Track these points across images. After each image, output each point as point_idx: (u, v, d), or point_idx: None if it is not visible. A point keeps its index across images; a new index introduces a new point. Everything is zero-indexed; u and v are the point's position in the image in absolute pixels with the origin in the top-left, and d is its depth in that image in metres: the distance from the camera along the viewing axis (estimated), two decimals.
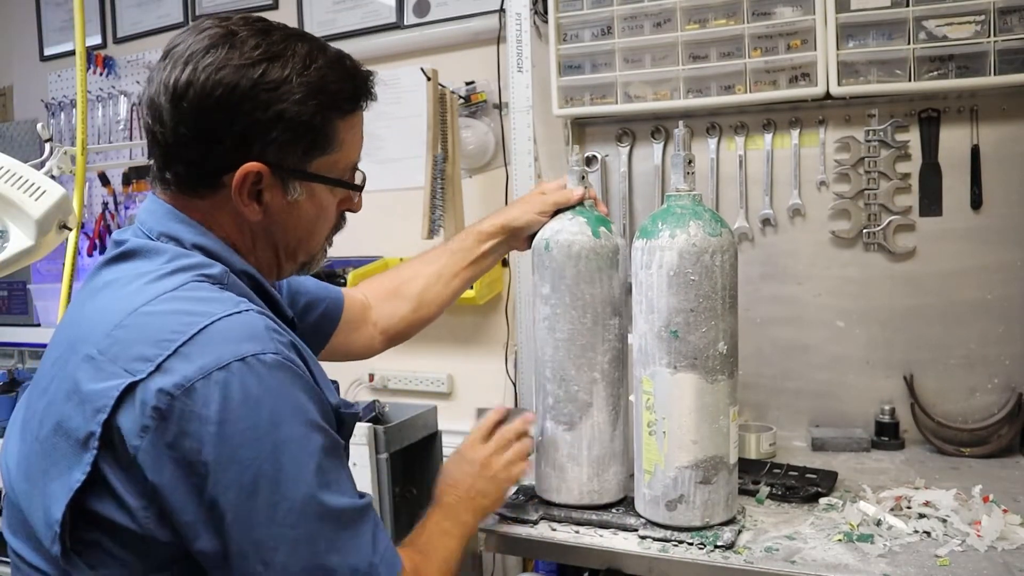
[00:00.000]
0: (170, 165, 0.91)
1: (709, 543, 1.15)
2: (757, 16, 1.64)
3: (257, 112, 0.87)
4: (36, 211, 1.27)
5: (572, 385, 1.25)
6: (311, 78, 0.89)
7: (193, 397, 0.77)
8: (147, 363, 0.77)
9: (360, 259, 2.33)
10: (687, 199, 1.20)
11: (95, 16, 2.78)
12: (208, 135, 0.87)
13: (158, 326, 0.80)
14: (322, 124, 0.92)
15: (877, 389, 1.67)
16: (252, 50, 0.87)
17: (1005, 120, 1.58)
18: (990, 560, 1.08)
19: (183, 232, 0.91)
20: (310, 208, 0.96)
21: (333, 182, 0.97)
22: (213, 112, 0.86)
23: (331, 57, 0.93)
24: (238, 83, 0.86)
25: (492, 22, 2.12)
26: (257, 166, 0.89)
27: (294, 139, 0.90)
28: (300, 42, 0.91)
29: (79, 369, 0.81)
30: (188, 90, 0.86)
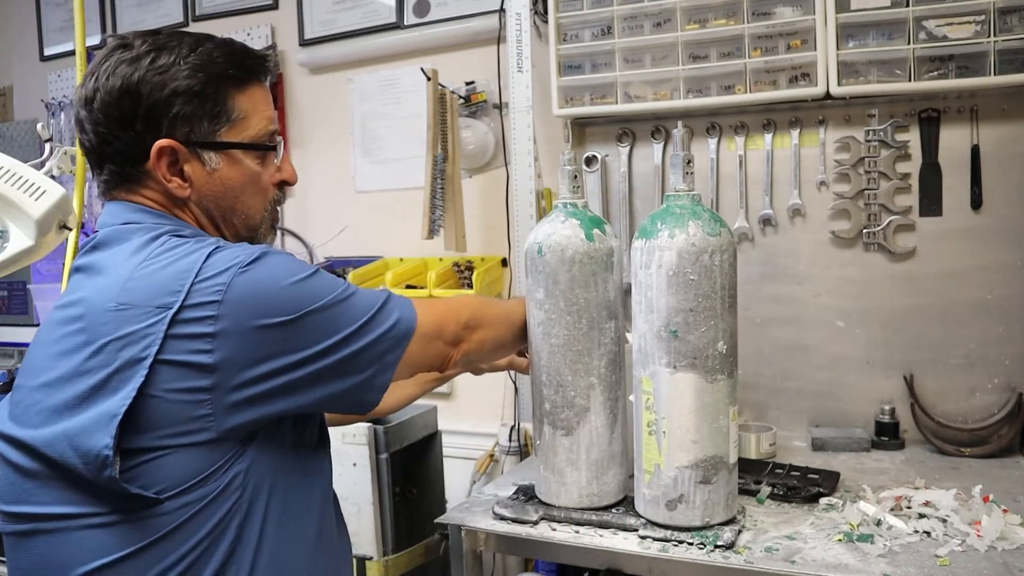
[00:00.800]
0: (104, 166, 1.02)
1: (709, 543, 1.15)
2: (757, 16, 1.64)
3: (155, 93, 0.97)
4: (36, 211, 1.27)
5: (569, 391, 1.25)
6: (198, 58, 1.00)
7: (235, 289, 0.88)
8: (176, 295, 0.87)
9: (360, 259, 2.33)
10: (686, 199, 1.20)
11: (95, 16, 2.77)
12: (120, 125, 0.98)
13: (168, 269, 0.90)
14: (216, 93, 1.01)
15: (877, 389, 1.67)
16: (141, 46, 0.99)
17: (1005, 120, 1.58)
18: (990, 560, 1.08)
19: (144, 218, 1.00)
20: (233, 174, 1.04)
21: (241, 145, 1.04)
22: (118, 104, 0.97)
23: (217, 41, 1.04)
24: (132, 73, 0.97)
25: (492, 22, 2.12)
26: (167, 142, 0.98)
27: (194, 111, 0.99)
28: (187, 36, 1.03)
29: (105, 322, 0.88)
30: (95, 95, 0.98)
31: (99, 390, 0.86)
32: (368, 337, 0.97)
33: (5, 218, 1.28)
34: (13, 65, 3.04)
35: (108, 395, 0.86)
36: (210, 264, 0.90)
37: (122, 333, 0.87)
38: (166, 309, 0.87)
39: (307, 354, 0.92)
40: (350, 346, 0.96)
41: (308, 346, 0.92)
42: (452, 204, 2.11)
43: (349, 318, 0.96)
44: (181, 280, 0.88)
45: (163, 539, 0.87)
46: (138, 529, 0.87)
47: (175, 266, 0.90)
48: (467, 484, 2.17)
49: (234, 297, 0.88)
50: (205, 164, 1.01)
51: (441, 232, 2.12)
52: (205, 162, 1.01)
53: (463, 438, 2.21)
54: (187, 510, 0.88)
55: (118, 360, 0.86)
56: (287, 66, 2.51)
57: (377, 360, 0.99)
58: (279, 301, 0.91)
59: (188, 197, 1.02)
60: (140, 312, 0.87)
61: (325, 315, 0.94)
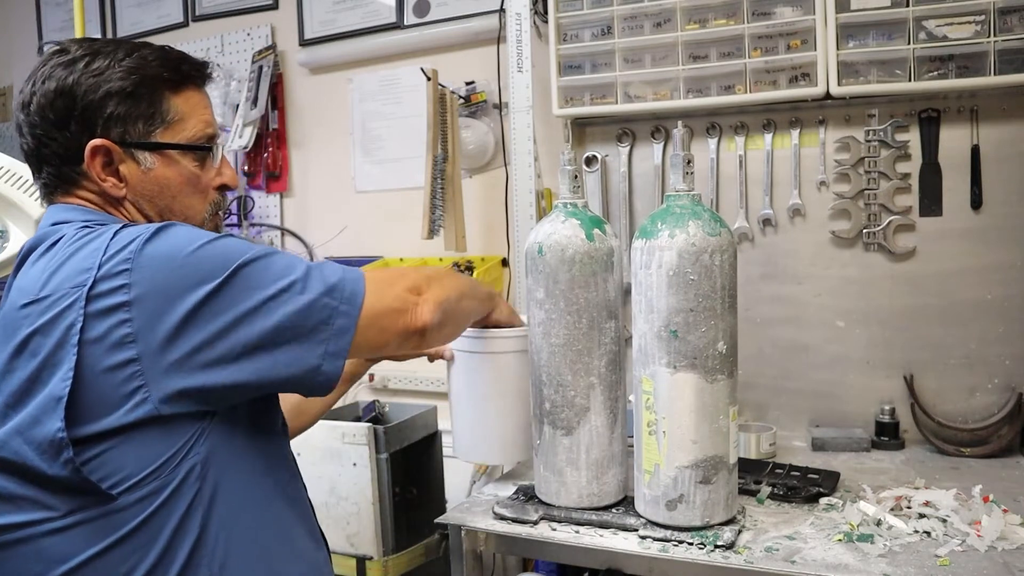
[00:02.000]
0: (42, 168, 1.03)
1: (709, 543, 1.15)
2: (757, 16, 1.64)
3: (89, 95, 0.98)
4: (36, 211, 1.28)
5: (569, 391, 1.25)
6: (132, 61, 1.01)
7: (144, 253, 0.88)
8: (88, 272, 0.87)
9: (360, 259, 2.33)
10: (686, 199, 1.20)
11: (95, 16, 2.78)
12: (56, 126, 0.99)
13: (81, 252, 0.90)
14: (150, 95, 1.02)
15: (877, 389, 1.67)
16: (77, 50, 1.01)
17: (1005, 120, 1.58)
18: (990, 560, 1.08)
19: (73, 216, 1.01)
20: (170, 175, 1.04)
21: (177, 146, 1.04)
22: (53, 105, 0.99)
23: (154, 47, 1.05)
24: (68, 76, 0.99)
25: (492, 22, 2.12)
26: (101, 141, 0.99)
27: (128, 112, 1.00)
28: (123, 43, 1.04)
29: (28, 316, 0.88)
30: (32, 97, 1.00)
31: (35, 381, 0.86)
32: (306, 296, 0.92)
33: (5, 218, 1.29)
34: (13, 65, 3.05)
35: (46, 382, 0.85)
36: (117, 240, 0.90)
37: (43, 322, 0.87)
38: (80, 287, 0.86)
39: (232, 316, 0.89)
40: (284, 306, 0.91)
41: (231, 307, 0.89)
42: (452, 204, 2.11)
43: (275, 274, 0.92)
44: (91, 259, 0.88)
45: (125, 539, 0.87)
46: (99, 529, 0.86)
47: (84, 249, 0.90)
48: (467, 484, 2.16)
49: (144, 262, 0.87)
50: (140, 164, 1.02)
51: (441, 232, 2.12)
52: (140, 162, 1.02)
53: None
54: (145, 505, 0.87)
55: (45, 348, 0.86)
56: (287, 66, 2.51)
57: (324, 325, 0.93)
58: (194, 263, 0.89)
59: (124, 196, 1.02)
60: (56, 298, 0.87)
61: (247, 272, 0.91)
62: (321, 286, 0.94)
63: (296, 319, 0.91)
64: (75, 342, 0.85)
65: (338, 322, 0.94)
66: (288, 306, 0.91)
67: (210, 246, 0.91)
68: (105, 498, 0.86)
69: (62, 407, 0.84)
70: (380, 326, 0.98)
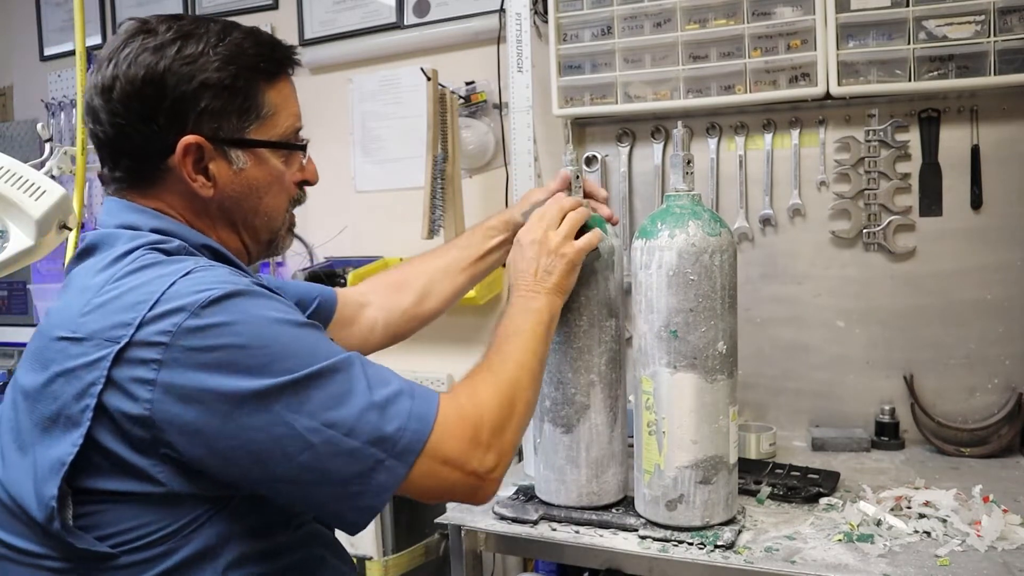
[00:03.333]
0: (117, 161, 0.95)
1: (709, 543, 1.15)
2: (757, 16, 1.64)
3: (181, 85, 0.90)
4: (36, 211, 1.27)
5: (569, 388, 1.25)
6: (227, 48, 0.93)
7: (186, 336, 0.78)
8: (127, 327, 0.79)
9: (360, 259, 2.33)
10: (686, 199, 1.20)
11: (95, 16, 2.77)
12: (142, 118, 0.90)
13: (125, 297, 0.82)
14: (246, 88, 0.94)
15: (877, 389, 1.67)
16: (166, 32, 0.91)
17: (1005, 120, 1.58)
18: (990, 560, 1.08)
19: (140, 220, 0.93)
20: (259, 175, 0.98)
21: (272, 144, 0.98)
22: (141, 95, 0.90)
23: (245, 30, 0.97)
24: (158, 62, 0.90)
25: (492, 22, 2.12)
26: (194, 138, 0.91)
27: (223, 107, 0.93)
28: (212, 22, 0.95)
29: (57, 351, 0.82)
30: (115, 82, 0.90)
31: (52, 424, 0.80)
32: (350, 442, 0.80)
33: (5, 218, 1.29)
34: (13, 65, 3.04)
35: (58, 435, 0.80)
36: (169, 295, 0.80)
37: (69, 367, 0.80)
38: (112, 344, 0.78)
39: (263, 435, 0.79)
40: (321, 446, 0.80)
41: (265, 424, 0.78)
42: (452, 204, 2.11)
43: (327, 402, 0.80)
44: (135, 311, 0.79)
45: None
46: None
47: (133, 294, 0.81)
48: None
49: (185, 340, 0.78)
50: (232, 163, 0.95)
51: (441, 232, 2.12)
52: (232, 161, 0.95)
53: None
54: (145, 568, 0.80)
55: (65, 395, 0.80)
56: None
57: (361, 477, 0.81)
58: (239, 354, 0.79)
59: (211, 197, 0.95)
60: (89, 345, 0.80)
61: (301, 390, 0.80)
62: (374, 432, 0.82)
63: (330, 464, 0.81)
64: (92, 405, 0.78)
65: (378, 478, 0.82)
66: (326, 447, 0.80)
67: (265, 337, 0.81)
68: (102, 556, 0.80)
69: (61, 474, 0.78)
70: (422, 495, 0.87)
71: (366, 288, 1.40)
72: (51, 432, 0.81)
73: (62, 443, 0.79)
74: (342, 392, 0.82)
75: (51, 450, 0.80)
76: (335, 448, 0.80)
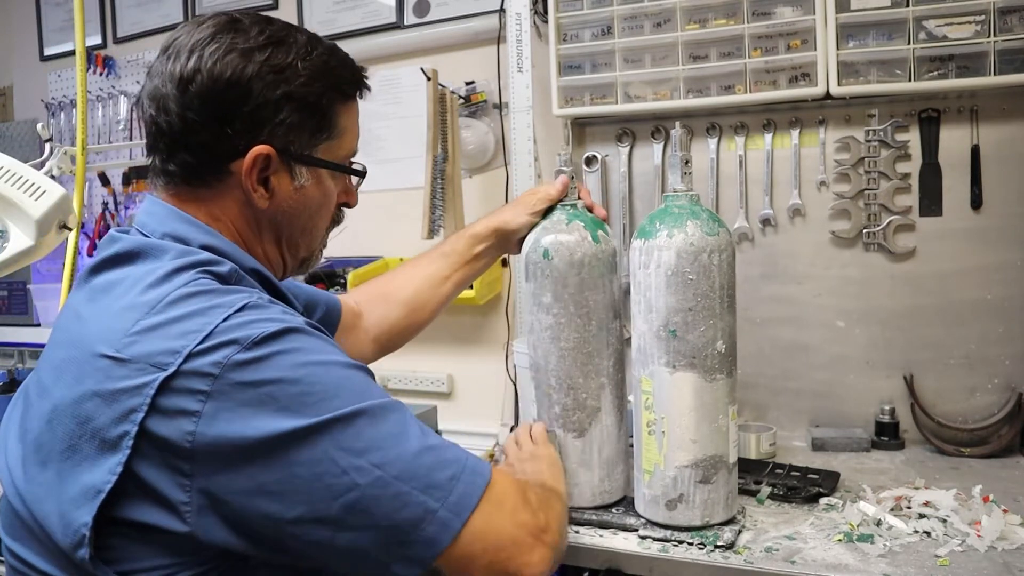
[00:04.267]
0: (176, 154, 0.91)
1: (709, 543, 1.15)
2: (757, 16, 1.64)
3: (266, 92, 0.88)
4: (36, 211, 1.27)
5: (581, 393, 1.25)
6: (315, 62, 0.92)
7: (237, 370, 0.75)
8: (175, 355, 0.76)
9: (360, 259, 2.33)
10: (684, 199, 1.20)
11: (95, 16, 2.77)
12: (218, 119, 0.88)
13: (178, 324, 0.78)
14: (327, 107, 0.94)
15: (877, 389, 1.67)
16: (257, 35, 0.90)
17: (1005, 120, 1.57)
18: (990, 560, 1.08)
19: (190, 232, 0.90)
20: (315, 194, 0.97)
21: (339, 167, 0.98)
22: (223, 95, 0.87)
23: (328, 45, 0.96)
24: (246, 65, 0.87)
25: (492, 22, 2.12)
26: (267, 149, 0.89)
27: (301, 122, 0.91)
28: (299, 32, 0.94)
29: (97, 368, 0.78)
30: (196, 75, 0.87)
31: (86, 445, 0.77)
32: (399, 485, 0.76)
33: (5, 218, 1.29)
34: (13, 65, 3.04)
35: (92, 458, 0.76)
36: (223, 328, 0.77)
37: (111, 388, 0.76)
38: (160, 370, 0.75)
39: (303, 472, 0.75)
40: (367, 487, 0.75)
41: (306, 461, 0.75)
42: (452, 204, 2.11)
43: (375, 441, 0.77)
44: (185, 341, 0.76)
45: None
46: None
47: (185, 323, 0.78)
48: None
49: (234, 375, 0.75)
50: (294, 179, 0.93)
51: (441, 232, 2.12)
52: (295, 176, 0.93)
53: (463, 438, 2.21)
54: None
55: (103, 416, 0.76)
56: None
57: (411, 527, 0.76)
58: (286, 386, 0.76)
59: (264, 210, 0.93)
60: (134, 368, 0.76)
61: (346, 426, 0.76)
62: (426, 479, 0.78)
63: (377, 508, 0.76)
64: (133, 433, 0.75)
65: (430, 529, 0.77)
66: (373, 489, 0.76)
67: (315, 376, 0.78)
68: None
69: (97, 502, 0.75)
70: (476, 556, 0.80)
71: (359, 298, 1.39)
72: (81, 452, 0.77)
73: (98, 468, 0.76)
74: (394, 433, 0.79)
75: (83, 473, 0.77)
76: (384, 490, 0.76)
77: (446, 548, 0.78)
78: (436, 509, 0.77)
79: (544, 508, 0.89)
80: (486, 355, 2.25)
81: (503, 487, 0.84)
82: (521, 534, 0.83)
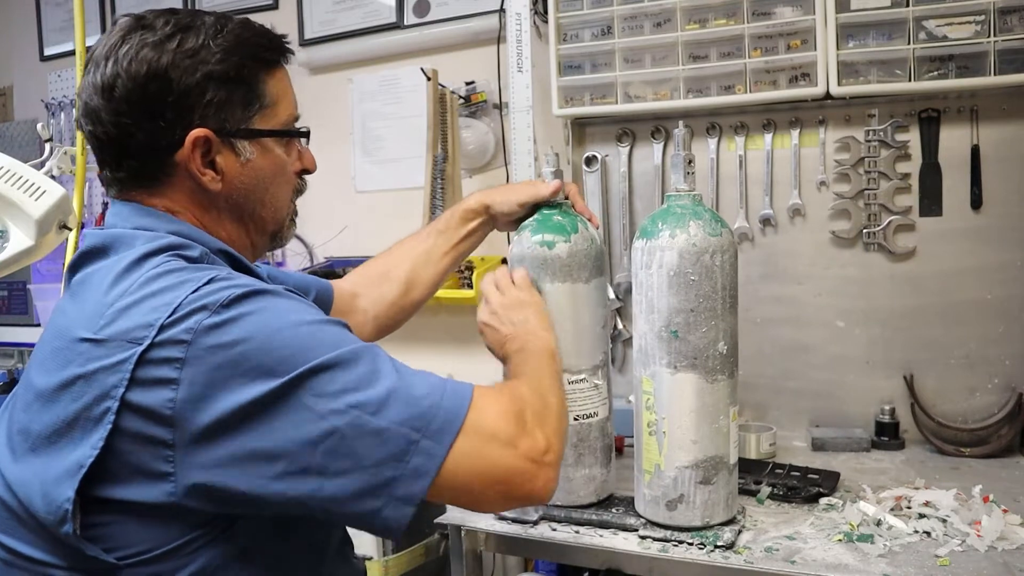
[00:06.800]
0: (120, 162, 0.93)
1: (709, 543, 1.15)
2: (757, 16, 1.64)
3: (185, 79, 0.89)
4: (36, 211, 1.27)
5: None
6: (227, 38, 0.92)
7: (209, 333, 0.77)
8: (149, 328, 0.78)
9: (360, 259, 2.32)
10: (687, 199, 1.20)
11: (95, 16, 2.77)
12: (147, 115, 0.89)
13: (149, 300, 0.81)
14: (250, 78, 0.94)
15: (877, 389, 1.67)
16: (164, 26, 0.90)
17: (1005, 120, 1.58)
18: (990, 560, 1.08)
19: (155, 224, 0.92)
20: (265, 165, 0.97)
21: (277, 133, 0.98)
22: (145, 91, 0.88)
23: (239, 20, 0.97)
24: (159, 57, 0.88)
25: (492, 22, 2.12)
26: (202, 131, 0.90)
27: (228, 98, 0.92)
28: (207, 15, 0.95)
29: (78, 352, 0.80)
30: (116, 80, 0.88)
31: (70, 427, 0.79)
32: (378, 420, 0.77)
33: (5, 218, 1.29)
34: (13, 65, 3.04)
35: (77, 438, 0.78)
36: (192, 298, 0.79)
37: (91, 368, 0.78)
38: (135, 345, 0.77)
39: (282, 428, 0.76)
40: (347, 427, 0.76)
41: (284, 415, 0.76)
42: (452, 204, 2.10)
43: (349, 384, 0.78)
44: (158, 313, 0.78)
45: None
46: None
47: (156, 299, 0.80)
48: None
49: (206, 339, 0.77)
50: (239, 155, 0.94)
51: None
52: (239, 152, 0.94)
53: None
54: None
55: (86, 396, 0.78)
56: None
57: (395, 461, 0.77)
58: (257, 349, 0.77)
59: (219, 192, 0.94)
60: (112, 347, 0.78)
61: (318, 378, 0.78)
62: (404, 411, 0.78)
63: (359, 447, 0.76)
64: (115, 408, 0.76)
65: (415, 461, 0.77)
66: (352, 429, 0.76)
67: (286, 333, 0.79)
68: (108, 566, 0.78)
69: (79, 477, 0.76)
70: (473, 486, 0.81)
71: (354, 279, 1.40)
72: (68, 435, 0.79)
73: (81, 446, 0.78)
74: (368, 373, 0.80)
75: (69, 452, 0.78)
76: (362, 429, 0.77)
77: (435, 478, 0.78)
78: (417, 439, 0.78)
79: (540, 423, 0.88)
80: (486, 355, 2.25)
81: (493, 412, 0.84)
82: (521, 463, 0.83)
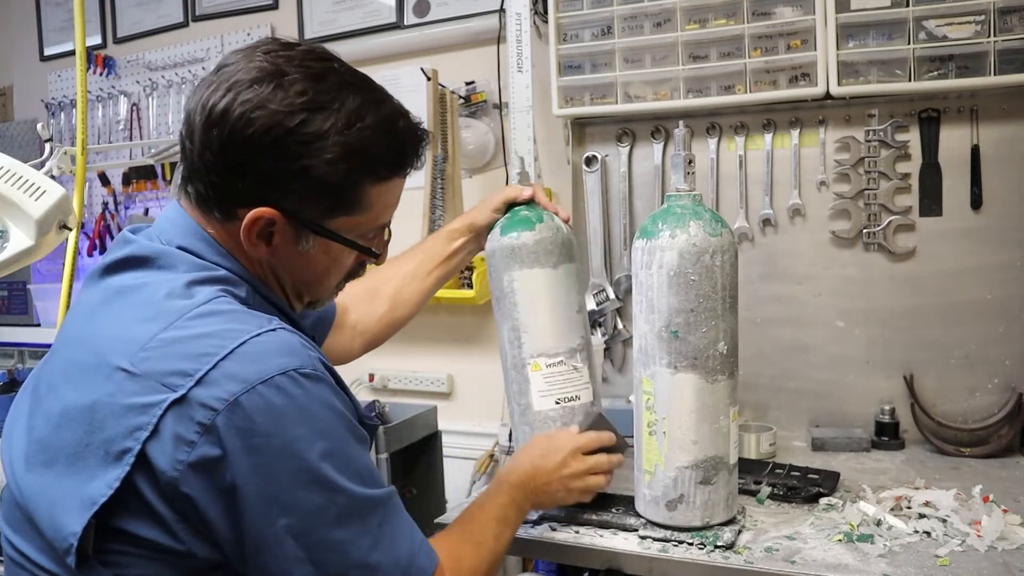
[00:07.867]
0: (192, 181, 0.90)
1: (709, 543, 1.15)
2: (757, 16, 1.64)
3: (283, 161, 0.84)
4: (36, 211, 1.27)
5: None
6: (350, 138, 0.86)
7: (238, 411, 0.76)
8: (187, 378, 0.76)
9: None
10: (687, 199, 1.20)
11: (95, 16, 2.77)
12: (231, 169, 0.85)
13: (194, 343, 0.79)
14: (351, 187, 0.89)
15: (877, 389, 1.67)
16: (296, 96, 0.84)
17: (1005, 120, 1.58)
18: (990, 560, 1.08)
19: (203, 249, 0.90)
20: (321, 260, 0.94)
21: (348, 243, 0.93)
22: (240, 149, 0.84)
23: (382, 116, 0.90)
24: (271, 128, 0.83)
25: (492, 22, 2.12)
26: (270, 212, 0.86)
27: (316, 196, 0.87)
28: (353, 95, 0.88)
29: (111, 380, 0.79)
30: (222, 119, 0.84)
31: (90, 453, 0.78)
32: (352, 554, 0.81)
33: (5, 218, 1.29)
34: (13, 65, 3.04)
35: (93, 467, 0.77)
36: (238, 355, 0.78)
37: (122, 403, 0.77)
38: (169, 392, 0.76)
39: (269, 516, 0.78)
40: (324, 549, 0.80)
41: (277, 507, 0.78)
42: (452, 204, 2.11)
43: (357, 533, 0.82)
44: (199, 362, 0.77)
45: None
46: None
47: (201, 343, 0.78)
48: (467, 484, 2.16)
49: (233, 419, 0.76)
50: (298, 242, 0.90)
51: None
52: (299, 240, 0.90)
53: (463, 438, 2.21)
54: None
55: (109, 429, 0.77)
56: None
57: None
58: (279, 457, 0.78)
59: (264, 260, 0.91)
60: (146, 384, 0.77)
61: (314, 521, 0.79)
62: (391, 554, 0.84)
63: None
64: (136, 451, 0.75)
65: None
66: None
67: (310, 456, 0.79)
68: None
69: (89, 514, 0.76)
70: None
71: (345, 295, 1.40)
72: (84, 459, 0.78)
73: (97, 480, 0.77)
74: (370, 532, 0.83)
75: (83, 481, 0.77)
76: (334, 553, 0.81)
77: None
78: None
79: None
80: (486, 355, 2.25)
81: None
82: None
